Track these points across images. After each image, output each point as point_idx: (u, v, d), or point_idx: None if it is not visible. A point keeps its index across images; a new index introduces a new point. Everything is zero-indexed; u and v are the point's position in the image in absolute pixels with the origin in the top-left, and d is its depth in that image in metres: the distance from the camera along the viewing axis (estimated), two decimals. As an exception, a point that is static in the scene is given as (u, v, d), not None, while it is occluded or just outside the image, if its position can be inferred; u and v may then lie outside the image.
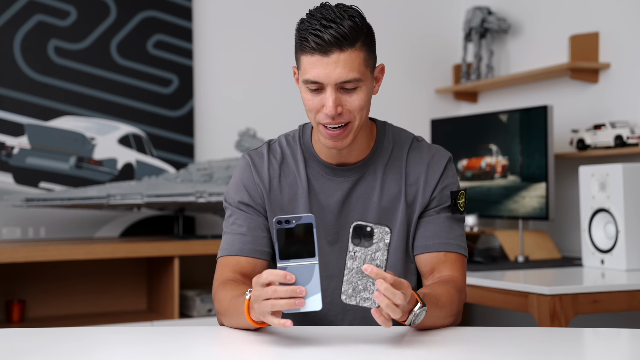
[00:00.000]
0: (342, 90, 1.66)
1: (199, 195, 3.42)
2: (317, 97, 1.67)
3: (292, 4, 3.98)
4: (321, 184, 1.79)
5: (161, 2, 3.76)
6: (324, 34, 1.62)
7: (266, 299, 1.44)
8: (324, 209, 1.79)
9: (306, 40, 1.64)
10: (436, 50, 4.27)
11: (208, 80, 3.87)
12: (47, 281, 3.52)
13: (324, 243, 1.79)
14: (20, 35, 3.54)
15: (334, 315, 1.81)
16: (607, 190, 2.98)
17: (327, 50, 1.63)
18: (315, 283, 1.43)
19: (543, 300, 2.58)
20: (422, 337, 1.55)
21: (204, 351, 1.53)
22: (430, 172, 1.79)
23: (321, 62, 1.63)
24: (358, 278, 1.42)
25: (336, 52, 1.63)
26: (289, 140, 1.84)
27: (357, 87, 1.66)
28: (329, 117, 1.66)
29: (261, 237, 1.78)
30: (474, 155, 3.66)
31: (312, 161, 1.81)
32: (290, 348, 1.50)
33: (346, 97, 1.66)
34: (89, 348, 1.54)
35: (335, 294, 1.79)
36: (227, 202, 1.83)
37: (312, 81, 1.65)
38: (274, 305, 1.43)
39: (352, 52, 1.64)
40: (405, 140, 1.83)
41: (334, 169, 1.80)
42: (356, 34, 1.64)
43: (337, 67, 1.63)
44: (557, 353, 1.48)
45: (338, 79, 1.64)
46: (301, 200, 1.80)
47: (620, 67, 3.35)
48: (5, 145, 3.51)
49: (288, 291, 1.42)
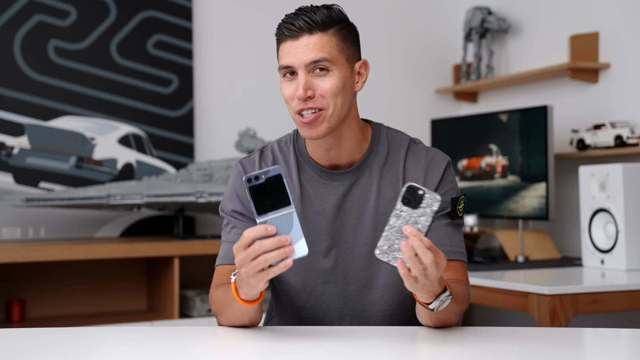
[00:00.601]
0: (313, 75, 1.67)
1: (199, 195, 3.42)
2: (292, 84, 1.69)
3: (292, 4, 3.96)
4: (316, 189, 1.77)
5: (161, 2, 3.76)
6: (295, 21, 1.67)
7: (254, 257, 1.43)
8: (319, 214, 1.76)
9: (279, 29, 1.69)
10: (436, 50, 4.27)
11: (208, 80, 3.87)
12: (47, 281, 3.52)
13: (320, 248, 1.76)
14: (20, 35, 3.54)
15: (330, 322, 1.79)
16: (607, 190, 2.98)
17: (297, 35, 1.67)
18: (297, 230, 1.43)
19: (543, 300, 2.58)
20: (423, 337, 1.55)
21: (204, 351, 1.53)
22: (429, 177, 1.76)
23: (292, 46, 1.67)
24: (396, 237, 1.43)
25: (306, 35, 1.67)
26: (282, 145, 1.83)
27: (328, 70, 1.67)
28: (300, 101, 1.67)
29: None
30: (474, 155, 3.66)
31: (307, 165, 1.79)
32: (290, 348, 1.50)
33: (317, 81, 1.67)
34: (89, 348, 1.54)
35: (332, 300, 1.77)
36: (223, 212, 1.84)
37: (285, 66, 1.68)
38: (266, 259, 1.42)
39: (322, 36, 1.67)
40: (402, 142, 1.80)
41: (328, 172, 1.77)
42: (328, 21, 1.68)
43: (306, 49, 1.66)
44: (557, 353, 1.48)
45: (307, 59, 1.66)
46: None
47: (620, 67, 3.35)
48: (5, 145, 3.51)
49: (274, 242, 1.42)
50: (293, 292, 1.78)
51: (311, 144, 1.78)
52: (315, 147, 1.77)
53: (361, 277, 1.76)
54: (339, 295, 1.77)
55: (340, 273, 1.76)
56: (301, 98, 1.66)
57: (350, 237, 1.76)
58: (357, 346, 1.50)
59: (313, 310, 1.78)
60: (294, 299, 1.79)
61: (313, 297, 1.77)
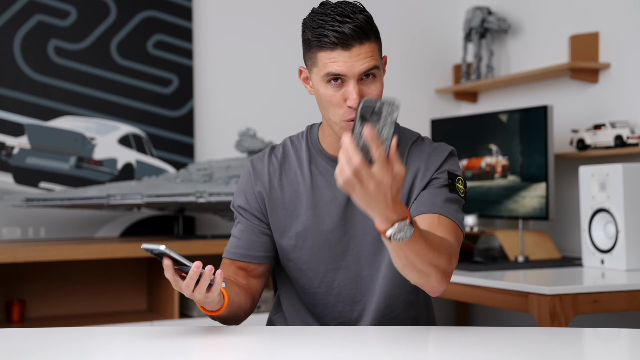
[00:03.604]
0: (361, 82, 1.70)
1: (199, 195, 3.42)
2: (339, 91, 1.70)
3: (293, 4, 3.98)
4: (328, 178, 1.82)
5: (161, 2, 3.76)
6: (342, 28, 1.66)
7: (193, 288, 1.57)
8: (330, 202, 1.82)
9: (325, 37, 1.68)
10: (436, 50, 4.27)
11: (208, 80, 3.87)
12: (47, 281, 3.52)
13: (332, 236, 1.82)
14: (20, 35, 3.54)
15: (341, 307, 1.85)
16: (607, 190, 2.98)
17: (348, 44, 1.67)
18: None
19: (543, 300, 2.58)
20: (423, 337, 1.55)
21: (204, 351, 1.53)
22: (431, 161, 1.81)
23: (342, 56, 1.67)
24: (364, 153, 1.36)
25: (357, 45, 1.68)
26: (294, 140, 1.89)
27: (376, 76, 1.71)
28: (352, 109, 1.68)
29: (254, 242, 1.86)
30: (474, 155, 3.66)
31: (319, 156, 1.85)
32: (290, 348, 1.50)
33: (366, 87, 1.70)
34: (89, 348, 1.54)
35: (344, 285, 1.83)
36: (232, 207, 1.93)
37: (335, 74, 1.68)
38: (201, 286, 1.57)
39: (370, 44, 1.69)
40: (411, 137, 1.86)
41: None
42: (370, 27, 1.70)
43: (359, 58, 1.67)
44: (557, 353, 1.48)
45: (361, 69, 1.68)
46: (304, 196, 1.83)
47: (620, 67, 3.35)
48: (5, 145, 3.51)
49: (195, 273, 1.56)
50: (306, 279, 1.85)
51: (327, 138, 1.83)
52: (334, 140, 1.80)
53: (372, 262, 1.82)
54: (352, 281, 1.83)
55: (352, 259, 1.82)
56: (355, 106, 1.67)
57: (361, 224, 1.81)
58: (356, 346, 1.50)
59: (325, 296, 1.84)
60: (306, 286, 1.85)
61: (325, 283, 1.83)
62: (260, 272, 1.88)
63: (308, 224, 1.82)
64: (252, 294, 1.84)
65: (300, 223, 1.83)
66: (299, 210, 1.83)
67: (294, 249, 1.84)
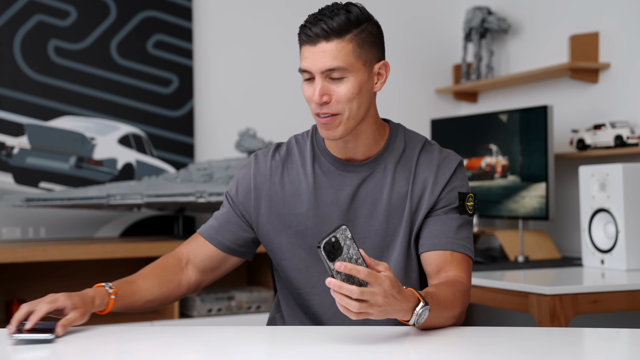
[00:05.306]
0: (330, 80, 1.72)
1: (199, 195, 3.42)
2: (310, 86, 1.74)
3: (293, 4, 3.98)
4: (331, 179, 1.82)
5: (161, 2, 3.76)
6: (313, 27, 1.71)
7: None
8: (332, 204, 1.81)
9: (302, 33, 1.73)
10: (436, 50, 4.27)
11: (208, 80, 3.87)
12: (47, 281, 3.52)
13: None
14: (20, 35, 3.54)
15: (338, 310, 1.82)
16: (607, 190, 2.98)
17: (314, 41, 1.71)
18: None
19: (543, 300, 2.58)
20: (423, 337, 1.55)
21: (204, 351, 1.53)
22: (440, 174, 1.81)
23: (309, 52, 1.72)
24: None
25: (322, 42, 1.70)
26: (299, 138, 1.90)
27: (343, 77, 1.71)
28: (318, 104, 1.72)
29: (227, 230, 1.87)
30: (474, 155, 3.66)
31: (323, 156, 1.85)
32: (290, 348, 1.50)
33: (333, 86, 1.72)
34: (89, 348, 1.54)
35: None
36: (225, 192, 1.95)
37: (303, 70, 1.73)
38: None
39: (338, 43, 1.70)
40: (418, 142, 1.86)
41: (344, 163, 1.82)
42: (345, 27, 1.70)
43: (323, 56, 1.70)
44: (557, 353, 1.48)
45: (322, 66, 1.70)
46: (305, 195, 1.82)
47: (620, 67, 3.35)
48: (5, 145, 3.51)
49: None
50: (302, 279, 1.84)
51: None
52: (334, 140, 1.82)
53: None
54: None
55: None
56: (317, 103, 1.71)
57: (363, 228, 1.81)
58: (356, 346, 1.50)
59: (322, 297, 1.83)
60: (302, 286, 1.84)
61: (322, 283, 1.82)
62: (218, 261, 1.88)
63: (309, 224, 1.82)
64: (185, 285, 1.88)
65: (300, 222, 1.82)
66: (300, 209, 1.82)
67: (292, 247, 1.83)
